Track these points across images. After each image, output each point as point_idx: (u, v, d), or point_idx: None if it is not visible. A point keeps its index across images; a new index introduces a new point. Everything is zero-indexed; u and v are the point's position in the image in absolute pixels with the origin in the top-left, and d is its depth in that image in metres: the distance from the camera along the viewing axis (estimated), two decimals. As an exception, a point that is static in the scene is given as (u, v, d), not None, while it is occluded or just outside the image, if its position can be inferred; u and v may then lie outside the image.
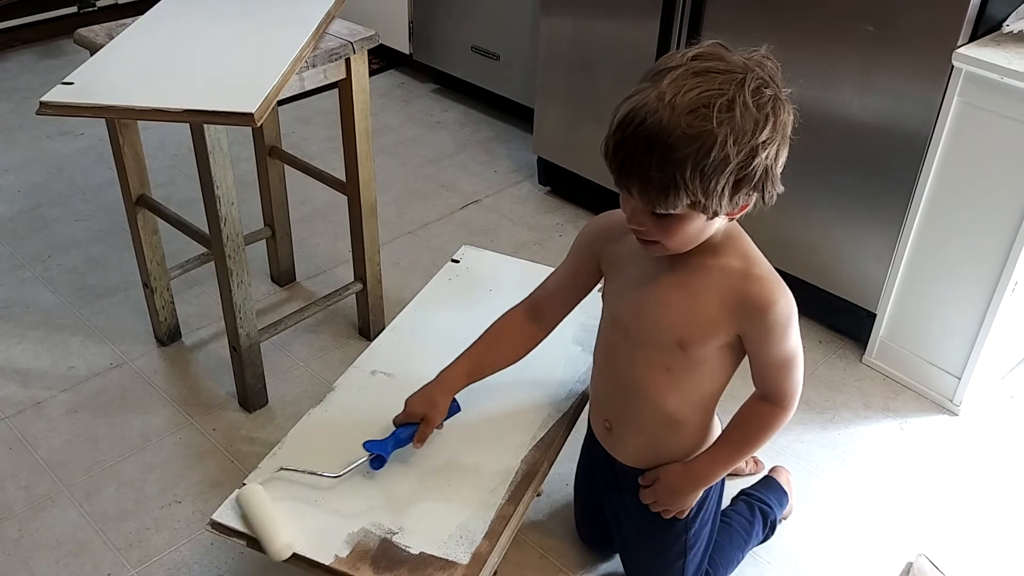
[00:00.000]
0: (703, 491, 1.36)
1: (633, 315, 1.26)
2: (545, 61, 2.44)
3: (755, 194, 1.10)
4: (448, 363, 1.38)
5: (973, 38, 1.69)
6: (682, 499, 1.34)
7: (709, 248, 1.18)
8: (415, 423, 1.34)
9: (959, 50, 1.66)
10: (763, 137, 1.05)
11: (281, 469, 1.33)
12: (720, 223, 1.16)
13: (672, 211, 1.08)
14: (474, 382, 1.38)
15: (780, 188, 1.11)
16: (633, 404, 1.32)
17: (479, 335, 1.40)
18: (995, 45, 1.67)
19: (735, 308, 1.18)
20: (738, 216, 1.15)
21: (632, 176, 1.07)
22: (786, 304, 1.18)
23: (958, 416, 1.92)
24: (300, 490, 1.31)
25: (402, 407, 1.39)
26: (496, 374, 1.50)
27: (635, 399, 1.31)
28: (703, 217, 1.11)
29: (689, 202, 1.07)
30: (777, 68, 1.09)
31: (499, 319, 1.40)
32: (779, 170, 1.10)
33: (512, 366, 1.52)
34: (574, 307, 1.40)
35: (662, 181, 1.05)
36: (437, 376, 1.37)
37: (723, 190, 1.06)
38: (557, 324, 1.41)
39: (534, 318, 1.40)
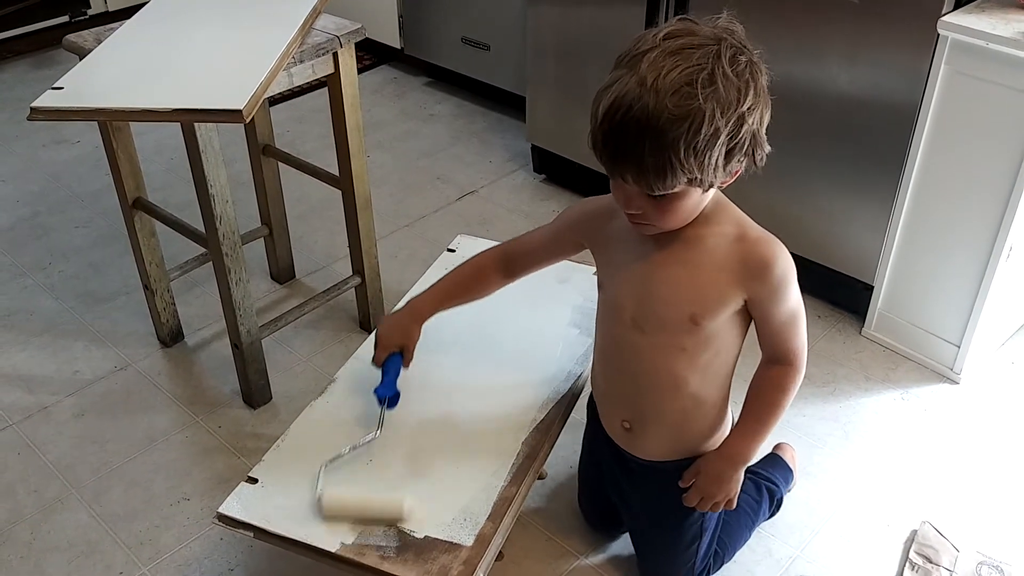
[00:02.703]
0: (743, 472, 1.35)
1: (639, 301, 1.25)
2: (534, 50, 2.45)
3: (745, 159, 1.12)
4: (419, 294, 1.47)
5: (958, 5, 1.69)
6: (727, 485, 1.33)
7: (701, 219, 1.19)
8: (396, 354, 1.42)
9: (944, 18, 1.67)
10: (748, 104, 1.06)
11: (326, 465, 1.33)
12: (712, 193, 1.17)
13: (670, 191, 1.10)
14: (439, 312, 1.46)
15: (768, 148, 1.13)
16: (654, 396, 1.31)
17: (452, 269, 1.47)
18: (979, 11, 1.67)
19: (739, 273, 1.19)
20: (731, 183, 1.16)
21: (626, 164, 1.08)
22: (786, 259, 1.20)
23: (959, 384, 1.93)
24: (305, 478, 1.32)
25: (403, 396, 1.40)
26: (495, 358, 1.54)
27: (655, 389, 1.30)
28: (699, 191, 1.12)
29: (686, 180, 1.08)
30: (742, 31, 1.11)
31: (472, 261, 1.46)
32: (764, 131, 1.12)
33: (511, 349, 1.56)
34: (544, 268, 1.46)
35: (657, 165, 1.06)
36: (407, 305, 1.46)
37: (717, 162, 1.07)
38: (523, 277, 1.47)
39: (505, 271, 1.44)
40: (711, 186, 1.12)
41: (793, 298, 1.22)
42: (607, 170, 1.11)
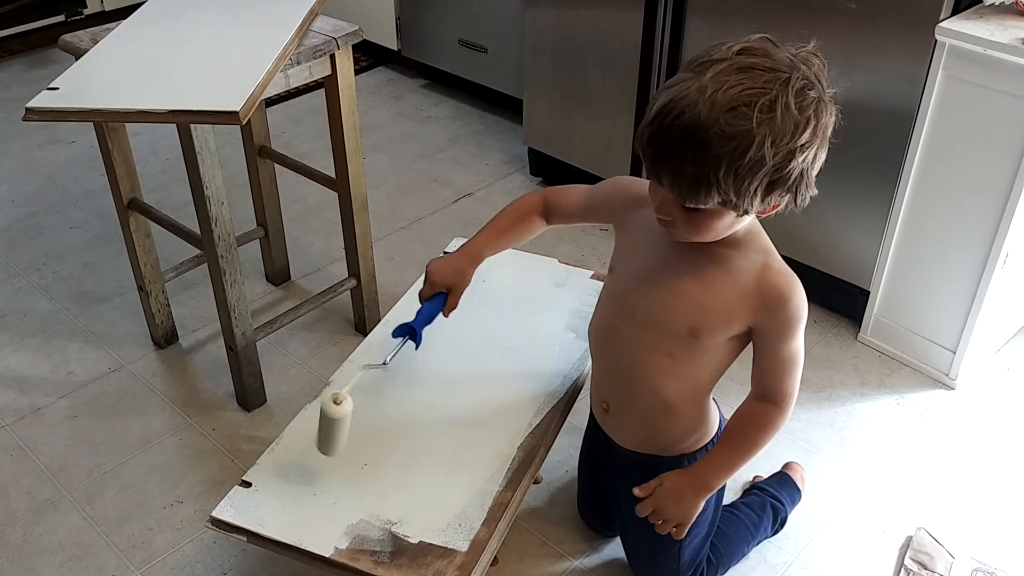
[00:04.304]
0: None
1: (642, 298, 1.25)
2: (532, 52, 2.44)
3: (787, 195, 1.09)
4: (470, 239, 1.45)
5: (955, 11, 1.69)
6: (684, 507, 1.30)
7: (731, 241, 1.17)
8: (440, 295, 1.38)
9: (942, 24, 1.67)
10: (802, 140, 1.03)
11: (364, 367, 1.36)
12: (748, 220, 1.16)
13: (702, 206, 1.08)
14: (490, 255, 1.44)
15: (814, 191, 1.10)
16: (630, 387, 1.32)
17: (498, 214, 1.46)
18: (977, 17, 1.67)
19: (753, 300, 1.18)
20: (768, 215, 1.14)
21: (665, 168, 1.06)
22: (802, 299, 1.19)
23: (954, 390, 1.93)
24: (299, 482, 1.32)
25: (398, 400, 1.40)
26: (491, 362, 1.54)
27: (633, 382, 1.31)
28: (733, 214, 1.10)
29: (720, 200, 1.06)
30: (824, 66, 1.07)
31: (515, 206, 1.45)
32: (815, 173, 1.09)
33: (507, 353, 1.56)
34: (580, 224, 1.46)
35: (695, 177, 1.04)
36: (462, 248, 1.43)
37: (756, 190, 1.05)
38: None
39: (546, 218, 1.44)
40: (746, 213, 1.10)
41: (797, 340, 1.21)
42: (647, 169, 1.09)
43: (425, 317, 1.37)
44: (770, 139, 1.01)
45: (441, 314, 1.39)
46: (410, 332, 1.37)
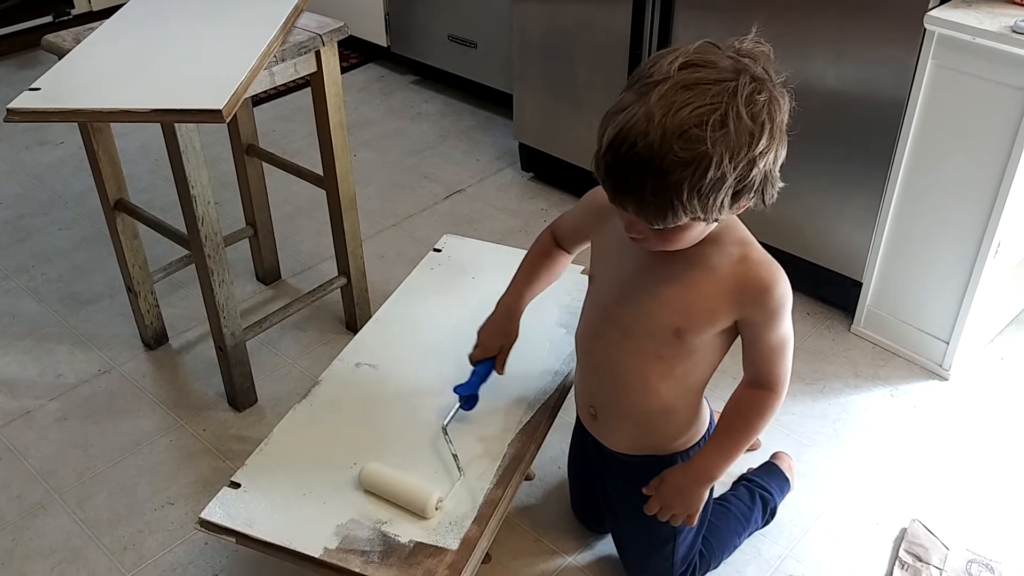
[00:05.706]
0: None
1: (625, 305, 1.24)
2: (520, 48, 2.43)
3: (755, 197, 1.08)
4: (504, 292, 1.45)
5: (944, 0, 1.69)
6: (689, 500, 1.31)
7: (707, 239, 1.16)
8: (491, 356, 1.42)
9: (930, 13, 1.66)
10: (760, 148, 1.01)
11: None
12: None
13: (671, 226, 1.07)
14: (530, 302, 1.45)
15: (780, 184, 1.09)
16: (620, 393, 1.31)
17: (521, 263, 1.45)
18: (966, 6, 1.66)
19: (736, 293, 1.17)
20: (739, 213, 1.13)
21: (627, 198, 1.05)
22: (786, 286, 1.18)
23: (948, 381, 1.92)
24: (289, 482, 1.31)
25: (388, 399, 1.39)
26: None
27: (623, 388, 1.30)
28: (703, 223, 1.10)
29: (689, 218, 1.05)
30: (769, 52, 1.05)
31: (533, 249, 1.45)
32: (778, 169, 1.08)
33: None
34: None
35: (659, 204, 1.03)
36: (500, 305, 1.44)
37: (722, 203, 1.04)
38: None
39: (565, 248, 1.44)
40: (716, 220, 1.09)
41: (785, 326, 1.21)
42: (609, 198, 1.08)
43: (480, 379, 1.41)
44: (727, 155, 0.99)
45: (495, 371, 1.43)
46: (472, 398, 1.40)
